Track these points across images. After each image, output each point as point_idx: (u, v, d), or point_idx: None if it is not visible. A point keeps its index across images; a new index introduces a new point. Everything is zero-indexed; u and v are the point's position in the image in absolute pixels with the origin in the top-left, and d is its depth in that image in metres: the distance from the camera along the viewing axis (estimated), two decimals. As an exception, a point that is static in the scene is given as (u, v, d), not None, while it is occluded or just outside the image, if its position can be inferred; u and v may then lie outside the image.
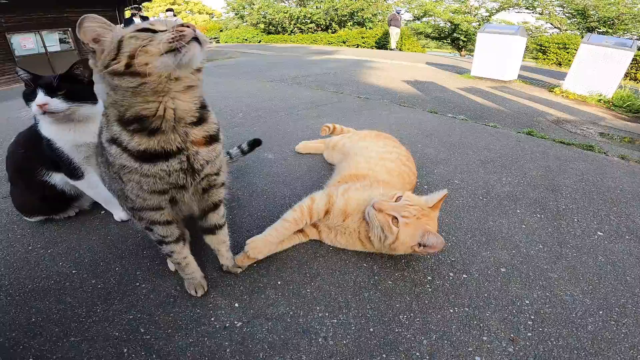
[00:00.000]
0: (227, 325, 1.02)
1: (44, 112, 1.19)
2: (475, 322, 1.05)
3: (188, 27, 0.70)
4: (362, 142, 1.80)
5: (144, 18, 8.99)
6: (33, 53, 9.83)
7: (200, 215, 1.06)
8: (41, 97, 1.18)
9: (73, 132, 1.29)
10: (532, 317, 1.08)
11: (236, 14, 21.48)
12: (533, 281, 1.22)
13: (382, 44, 13.92)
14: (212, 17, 31.51)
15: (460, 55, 16.53)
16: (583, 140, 2.93)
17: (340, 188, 1.36)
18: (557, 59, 11.48)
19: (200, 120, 0.83)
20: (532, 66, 10.09)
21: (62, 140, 1.30)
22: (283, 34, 18.03)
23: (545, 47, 11.83)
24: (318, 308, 1.09)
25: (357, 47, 14.53)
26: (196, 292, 1.10)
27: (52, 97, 1.19)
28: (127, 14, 10.97)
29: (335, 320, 1.04)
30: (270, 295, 1.13)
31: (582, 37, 6.76)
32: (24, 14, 9.29)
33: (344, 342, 0.98)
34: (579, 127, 3.56)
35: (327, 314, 1.06)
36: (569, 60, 11.09)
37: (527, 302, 1.13)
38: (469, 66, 6.76)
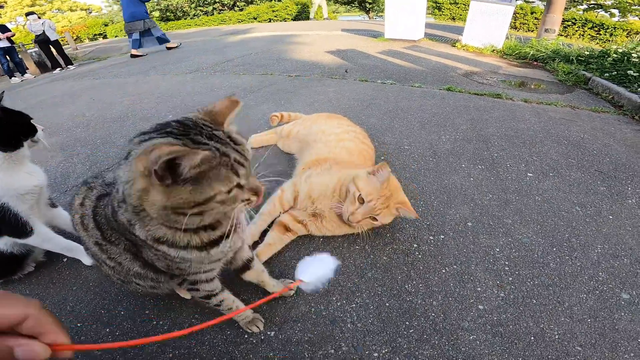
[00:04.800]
0: (263, 338, 1.05)
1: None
2: (466, 276, 1.24)
3: None
4: (317, 126, 1.84)
5: (1, 28, 7.39)
6: None
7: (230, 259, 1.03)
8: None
9: (16, 176, 1.14)
10: (507, 263, 1.30)
11: (122, 5, 19.00)
12: (494, 229, 1.46)
13: (305, 16, 13.82)
14: (90, 13, 27.53)
15: (369, 17, 17.05)
16: (491, 89, 3.38)
17: (303, 175, 1.47)
18: (450, 13, 12.75)
19: None
20: (432, 23, 10.93)
21: (8, 192, 1.12)
22: (185, 19, 16.44)
23: (440, 3, 12.97)
24: (334, 298, 1.17)
25: (270, 21, 14.06)
26: (257, 327, 1.07)
27: None
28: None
29: (354, 305, 1.14)
30: (287, 299, 1.17)
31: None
32: None
33: (370, 320, 1.09)
34: (484, 77, 4.06)
35: (344, 301, 1.15)
36: (460, 15, 12.42)
37: (498, 250, 1.36)
38: (381, 29, 7.05)
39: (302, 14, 14.17)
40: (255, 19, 14.55)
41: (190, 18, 16.52)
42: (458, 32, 6.61)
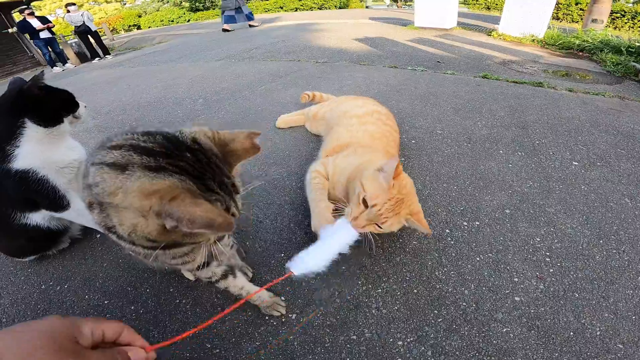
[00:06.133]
0: (284, 320, 1.02)
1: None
2: (502, 265, 1.15)
3: None
4: (340, 108, 1.78)
5: (41, 19, 7.78)
6: None
7: None
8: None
9: (56, 150, 1.18)
10: (548, 254, 1.20)
11: (154, -4, 19.77)
12: (536, 218, 1.35)
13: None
14: (125, 5, 28.75)
15: (397, 6, 16.60)
16: (531, 78, 3.16)
17: (330, 158, 1.39)
18: (485, 2, 12.13)
19: None
20: (466, 12, 10.45)
21: (48, 165, 1.15)
22: (213, 9, 16.78)
23: (474, -9, 12.36)
24: (359, 282, 1.12)
25: (296, 10, 14.08)
26: (278, 311, 1.03)
27: None
28: (17, 16, 9.52)
29: (380, 290, 1.09)
30: (310, 281, 1.13)
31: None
32: None
33: (396, 307, 1.03)
34: (524, 66, 3.82)
35: (370, 286, 1.10)
36: (496, 4, 11.79)
37: (538, 239, 1.25)
38: (410, 17, 6.84)
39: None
40: (282, 8, 14.61)
41: (219, 8, 16.89)
42: (494, 22, 6.27)
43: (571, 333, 0.94)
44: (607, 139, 1.93)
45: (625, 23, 10.09)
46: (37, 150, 1.13)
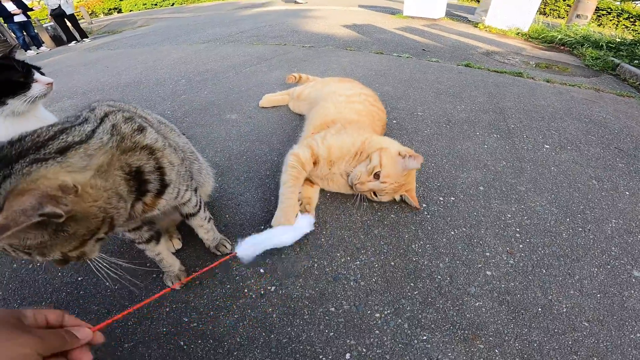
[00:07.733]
0: (263, 292, 1.03)
1: (46, 93, 1.19)
2: (475, 240, 1.20)
3: None
4: (328, 87, 1.80)
5: (17, 2, 7.36)
6: None
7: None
8: (44, 77, 1.20)
9: (26, 122, 1.18)
10: (518, 229, 1.25)
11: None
12: (507, 195, 1.41)
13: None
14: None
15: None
16: (512, 69, 3.24)
17: (317, 137, 1.37)
18: (474, -6, 12.16)
19: None
20: (455, 4, 10.46)
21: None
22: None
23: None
24: (338, 254, 1.14)
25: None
26: (172, 283, 1.05)
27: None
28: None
29: (358, 262, 1.12)
30: (290, 253, 1.15)
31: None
32: None
33: (373, 279, 1.06)
34: (506, 57, 3.89)
35: (348, 258, 1.13)
36: (485, -5, 11.89)
37: (509, 216, 1.31)
38: (400, 6, 6.82)
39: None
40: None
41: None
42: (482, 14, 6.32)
43: (539, 309, 0.99)
44: (578, 126, 2.01)
45: (610, 20, 10.35)
46: (8, 123, 1.15)
